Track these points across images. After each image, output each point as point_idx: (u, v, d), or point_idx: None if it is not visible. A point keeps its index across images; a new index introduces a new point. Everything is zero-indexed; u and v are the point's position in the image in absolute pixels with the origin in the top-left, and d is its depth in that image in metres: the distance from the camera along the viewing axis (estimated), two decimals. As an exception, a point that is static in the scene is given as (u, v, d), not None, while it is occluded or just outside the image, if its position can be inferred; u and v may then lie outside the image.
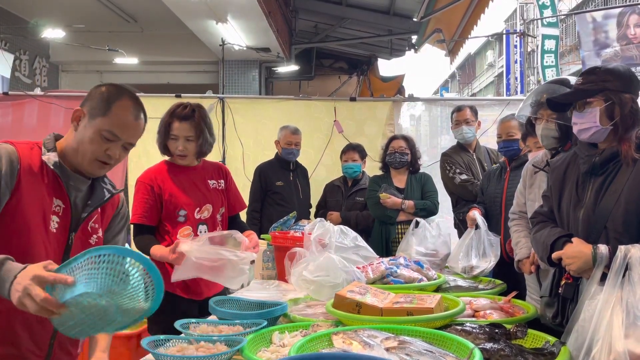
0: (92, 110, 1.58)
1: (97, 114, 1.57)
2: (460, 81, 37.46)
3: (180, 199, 2.48)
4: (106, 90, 1.62)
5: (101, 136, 1.56)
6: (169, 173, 2.52)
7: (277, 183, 4.18)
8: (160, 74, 10.41)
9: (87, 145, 1.56)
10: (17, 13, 8.84)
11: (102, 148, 1.57)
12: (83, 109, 1.60)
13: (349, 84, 12.38)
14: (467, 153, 3.82)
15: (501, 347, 1.59)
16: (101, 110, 1.57)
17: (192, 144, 2.48)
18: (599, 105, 1.75)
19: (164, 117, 2.50)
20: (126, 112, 1.59)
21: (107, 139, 1.57)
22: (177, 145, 2.47)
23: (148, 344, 1.66)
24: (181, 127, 2.46)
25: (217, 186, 2.60)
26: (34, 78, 9.39)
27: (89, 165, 1.59)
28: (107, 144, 1.57)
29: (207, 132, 2.51)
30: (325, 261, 2.27)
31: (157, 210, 2.47)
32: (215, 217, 2.55)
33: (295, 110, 5.22)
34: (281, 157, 4.25)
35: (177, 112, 2.47)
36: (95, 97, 1.61)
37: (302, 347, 1.53)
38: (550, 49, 10.71)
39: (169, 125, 2.47)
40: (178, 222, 2.47)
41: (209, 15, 7.26)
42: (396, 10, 8.77)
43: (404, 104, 5.25)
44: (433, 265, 2.88)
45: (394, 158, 3.86)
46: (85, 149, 1.57)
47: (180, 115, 2.47)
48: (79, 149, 1.58)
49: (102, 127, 1.56)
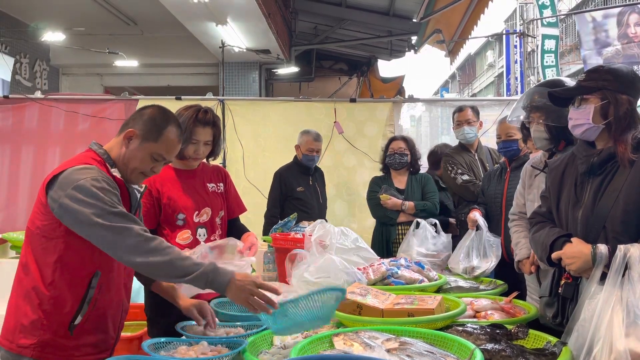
0: (145, 133, 1.81)
1: (149, 138, 1.80)
2: (460, 81, 37.46)
3: (179, 203, 2.46)
4: (157, 114, 1.84)
5: (151, 158, 1.82)
6: (168, 176, 2.49)
7: (298, 189, 4.14)
8: (160, 77, 10.42)
9: (137, 163, 1.81)
10: (17, 16, 8.85)
11: (149, 166, 1.83)
12: (136, 130, 1.81)
13: (349, 85, 12.38)
14: (469, 153, 3.82)
15: (502, 348, 1.59)
16: (153, 136, 1.80)
17: (208, 147, 2.54)
18: (594, 103, 1.76)
19: (185, 122, 2.46)
20: (174, 137, 1.84)
21: (156, 160, 1.83)
22: (195, 148, 2.49)
23: (149, 347, 1.66)
24: (203, 132, 2.49)
25: (216, 189, 2.60)
26: (34, 81, 9.40)
27: (136, 177, 1.84)
28: (155, 163, 1.84)
29: (221, 136, 2.61)
30: (326, 263, 2.27)
31: (154, 214, 2.44)
32: (214, 220, 2.54)
33: (295, 111, 5.22)
34: (301, 163, 4.22)
35: (200, 118, 2.50)
36: (146, 121, 1.82)
37: (303, 348, 1.53)
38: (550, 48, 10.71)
39: (192, 130, 2.47)
40: (177, 226, 2.45)
41: (208, 17, 7.27)
42: (396, 11, 8.77)
43: (404, 104, 5.25)
44: (434, 266, 2.88)
45: (393, 159, 3.86)
46: (135, 166, 1.81)
47: (203, 120, 2.50)
48: (129, 164, 1.81)
49: (154, 150, 1.81)
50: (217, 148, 2.59)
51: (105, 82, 10.56)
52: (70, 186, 1.65)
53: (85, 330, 1.74)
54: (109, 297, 1.80)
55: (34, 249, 1.73)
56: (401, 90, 9.82)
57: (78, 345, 1.73)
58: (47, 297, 1.69)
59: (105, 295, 1.78)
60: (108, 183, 1.70)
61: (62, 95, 5.97)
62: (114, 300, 1.83)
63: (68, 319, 1.71)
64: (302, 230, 3.12)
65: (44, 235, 1.71)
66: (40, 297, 1.69)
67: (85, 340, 1.74)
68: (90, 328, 1.76)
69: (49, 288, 1.69)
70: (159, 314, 2.42)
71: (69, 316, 1.71)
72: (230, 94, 9.05)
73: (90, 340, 1.76)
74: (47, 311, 1.69)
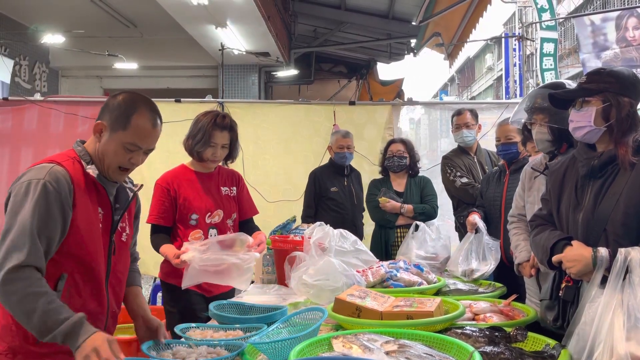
0: (112, 123, 1.69)
1: (117, 128, 1.68)
2: (459, 84, 37.51)
3: (193, 204, 2.67)
4: (123, 101, 1.71)
5: (124, 148, 1.69)
6: (185, 178, 2.72)
7: (332, 189, 4.15)
8: (159, 79, 10.42)
9: (111, 157, 1.70)
10: (16, 19, 8.86)
11: (125, 158, 1.70)
12: (104, 122, 1.70)
13: (348, 88, 12.38)
14: (468, 156, 3.82)
15: (501, 351, 1.59)
16: (121, 124, 1.68)
17: (225, 150, 2.71)
18: (596, 105, 1.76)
19: (203, 126, 2.66)
20: (145, 122, 1.70)
21: (130, 150, 1.70)
22: (213, 152, 2.67)
23: (148, 349, 1.66)
24: (221, 136, 2.66)
25: (229, 193, 2.78)
26: (33, 83, 9.39)
27: (114, 173, 1.73)
28: (130, 154, 1.71)
29: (237, 140, 2.76)
30: (325, 265, 2.27)
31: (172, 212, 2.67)
32: (225, 222, 2.72)
33: (294, 114, 5.22)
34: (335, 162, 4.23)
35: (218, 122, 2.66)
36: (113, 110, 1.70)
37: (301, 351, 1.52)
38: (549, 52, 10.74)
39: (211, 134, 2.64)
40: (190, 225, 2.66)
41: (208, 20, 7.28)
42: (395, 14, 8.78)
43: (403, 107, 5.25)
44: (433, 268, 2.87)
45: (392, 162, 3.86)
46: (110, 160, 1.70)
47: (221, 125, 2.66)
48: (104, 159, 1.71)
49: (124, 140, 1.68)
50: (234, 151, 2.76)
51: (104, 85, 10.55)
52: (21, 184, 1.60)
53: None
54: (80, 302, 1.66)
55: None
56: (400, 93, 9.83)
57: (50, 352, 1.61)
58: None
59: (75, 300, 1.65)
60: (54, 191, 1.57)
61: (61, 97, 5.96)
62: (89, 306, 1.69)
63: None
64: (301, 233, 3.12)
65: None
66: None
67: (56, 347, 1.57)
68: None
69: None
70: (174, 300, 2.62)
71: None
72: (229, 97, 9.05)
73: (63, 348, 1.56)
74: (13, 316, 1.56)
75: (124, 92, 1.77)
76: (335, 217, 4.00)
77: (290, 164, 5.12)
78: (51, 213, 1.58)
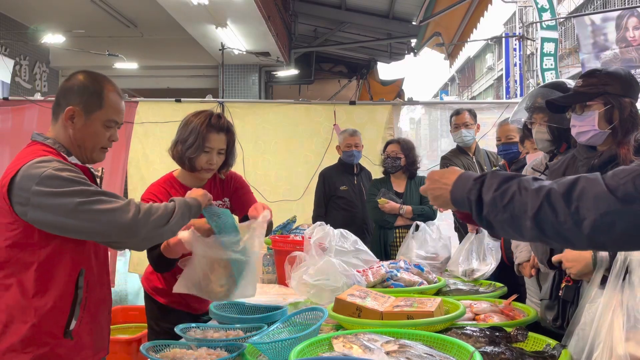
0: (86, 105, 1.68)
1: (93, 109, 1.68)
2: (459, 84, 37.50)
3: None
4: (86, 81, 1.71)
5: (104, 127, 1.71)
6: (173, 192, 2.27)
7: (342, 187, 4.18)
8: (160, 79, 10.42)
9: (93, 139, 1.70)
10: (17, 19, 8.85)
11: (105, 136, 1.72)
12: (75, 107, 1.67)
13: (348, 87, 12.38)
14: (466, 156, 3.83)
15: (502, 351, 1.59)
16: (96, 104, 1.69)
17: (222, 157, 2.30)
18: (598, 108, 1.75)
19: (196, 127, 2.22)
20: (115, 97, 1.73)
21: (109, 127, 1.72)
22: (207, 158, 2.24)
23: (147, 350, 1.66)
24: (218, 139, 2.24)
25: (222, 205, 2.39)
26: (34, 83, 9.39)
27: (97, 154, 1.74)
28: (110, 131, 1.73)
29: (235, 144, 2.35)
30: (325, 265, 2.27)
31: None
32: None
33: (295, 114, 5.22)
34: (343, 161, 4.24)
35: (214, 123, 2.23)
36: (81, 92, 1.69)
37: (302, 351, 1.52)
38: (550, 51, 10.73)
39: (205, 137, 2.21)
40: None
41: (208, 20, 7.27)
42: (395, 14, 8.78)
43: (403, 107, 5.25)
44: (433, 268, 2.87)
45: (387, 163, 3.86)
46: (93, 143, 1.70)
47: (217, 126, 2.24)
48: (85, 144, 1.70)
49: (103, 118, 1.70)
50: (230, 158, 2.35)
51: (105, 85, 10.53)
52: (34, 182, 1.51)
53: (81, 333, 1.65)
54: (96, 294, 1.73)
55: (7, 264, 1.58)
56: (401, 93, 9.83)
57: (76, 349, 1.65)
58: (34, 310, 1.57)
59: (93, 292, 1.71)
60: (71, 169, 1.58)
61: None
62: (102, 295, 1.77)
63: (61, 326, 1.61)
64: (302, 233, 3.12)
65: (15, 246, 1.57)
66: (25, 311, 1.57)
67: (82, 343, 1.66)
68: (86, 329, 1.68)
69: (33, 300, 1.57)
70: (159, 317, 2.40)
71: (61, 323, 1.61)
72: (229, 97, 9.04)
73: (87, 343, 1.68)
74: (37, 324, 1.57)
75: (79, 72, 1.74)
76: (346, 216, 4.02)
77: (291, 164, 5.12)
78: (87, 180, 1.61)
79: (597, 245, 0.92)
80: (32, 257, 1.57)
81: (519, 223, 0.98)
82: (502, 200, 1.01)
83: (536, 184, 0.99)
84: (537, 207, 0.96)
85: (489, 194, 1.05)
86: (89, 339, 1.69)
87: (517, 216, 0.98)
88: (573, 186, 0.92)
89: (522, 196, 0.99)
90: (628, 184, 0.87)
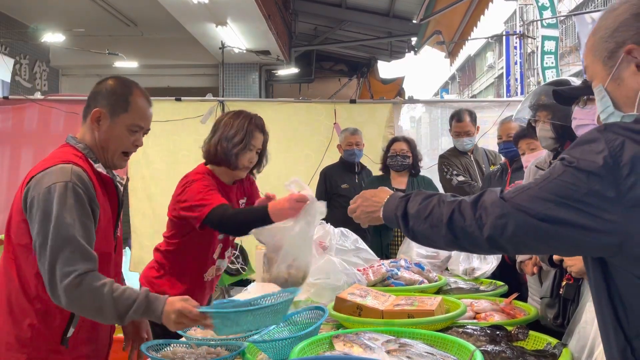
0: (112, 108, 1.68)
1: (118, 112, 1.68)
2: (460, 83, 37.47)
3: None
4: (115, 85, 1.71)
5: (129, 130, 1.69)
6: (218, 185, 2.28)
7: (343, 186, 4.18)
8: (160, 78, 10.41)
9: (116, 142, 1.69)
10: (17, 17, 8.85)
11: (129, 141, 1.71)
12: (101, 109, 1.68)
13: (349, 86, 12.37)
14: (464, 155, 3.83)
15: (502, 349, 1.59)
16: (122, 107, 1.68)
17: (256, 157, 2.33)
18: None
19: (242, 126, 2.26)
20: (142, 102, 1.72)
21: (134, 132, 1.71)
22: (250, 156, 2.28)
23: (147, 349, 1.66)
24: (259, 138, 2.30)
25: (244, 205, 2.44)
26: (34, 82, 9.39)
27: (118, 159, 1.72)
28: (134, 136, 1.71)
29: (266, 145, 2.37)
30: (325, 264, 2.27)
31: None
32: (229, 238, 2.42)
33: (295, 113, 5.21)
34: (345, 160, 4.26)
35: (258, 123, 2.30)
36: (109, 95, 1.69)
37: (302, 350, 1.52)
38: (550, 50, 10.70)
39: (251, 135, 2.26)
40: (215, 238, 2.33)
41: (208, 18, 7.27)
42: (396, 12, 8.76)
43: (404, 106, 5.24)
44: (434, 267, 2.87)
45: (395, 161, 3.81)
46: (116, 146, 1.70)
47: (260, 126, 2.31)
48: (109, 146, 1.69)
49: (127, 122, 1.69)
50: (264, 159, 2.39)
51: (105, 84, 10.52)
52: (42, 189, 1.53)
53: (78, 342, 1.63)
54: None
55: (15, 260, 1.59)
56: (401, 92, 9.82)
57: (72, 358, 1.62)
58: (34, 312, 1.57)
59: None
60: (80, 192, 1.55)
61: (62, 96, 5.97)
62: None
63: (59, 332, 1.59)
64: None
65: (21, 245, 1.58)
66: (25, 311, 1.57)
67: (78, 352, 1.63)
68: (84, 338, 1.65)
69: (34, 302, 1.57)
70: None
71: (59, 329, 1.59)
72: (230, 95, 9.04)
73: (83, 352, 1.64)
74: (35, 326, 1.57)
75: (110, 77, 1.75)
76: (346, 214, 4.00)
77: (291, 163, 5.11)
78: (88, 216, 1.57)
79: (496, 246, 1.03)
80: (34, 259, 1.55)
81: (437, 231, 1.11)
82: (424, 212, 1.15)
83: (453, 198, 1.13)
84: (449, 214, 1.08)
85: (414, 208, 1.19)
86: (85, 348, 1.66)
87: (435, 225, 1.11)
88: (480, 196, 1.05)
89: (440, 207, 1.12)
90: (519, 195, 0.99)
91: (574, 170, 0.93)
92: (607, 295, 1.01)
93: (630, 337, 0.97)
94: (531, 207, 0.96)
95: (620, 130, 0.92)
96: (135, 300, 1.52)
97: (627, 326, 0.98)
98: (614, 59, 1.02)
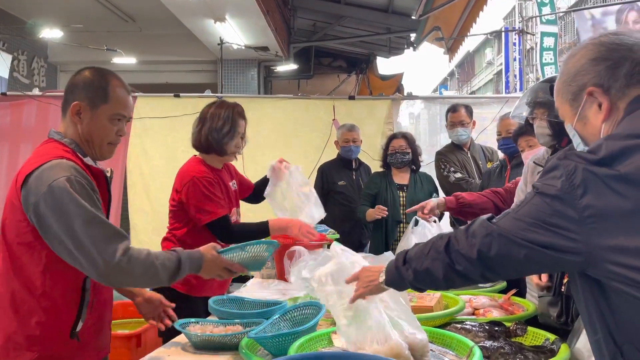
0: (91, 100, 1.67)
1: (98, 103, 1.67)
2: (459, 79, 37.46)
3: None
4: (92, 76, 1.70)
5: (111, 121, 1.68)
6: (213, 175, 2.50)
7: (340, 183, 4.18)
8: (158, 74, 10.38)
9: (100, 134, 1.68)
10: (14, 13, 8.82)
11: (113, 131, 1.70)
12: (80, 102, 1.66)
13: (347, 82, 12.35)
14: (461, 151, 3.83)
15: (501, 345, 1.59)
16: (101, 98, 1.67)
17: (242, 142, 2.60)
18: None
19: (229, 116, 2.54)
20: (122, 91, 1.71)
21: (117, 121, 1.70)
22: (236, 142, 2.55)
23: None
24: (242, 125, 2.58)
25: (234, 187, 2.66)
26: (32, 78, 9.36)
27: (106, 150, 1.72)
28: (117, 125, 1.70)
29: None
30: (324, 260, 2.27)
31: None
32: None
33: (294, 109, 5.21)
34: (342, 156, 4.25)
35: (239, 110, 2.59)
36: (86, 87, 1.68)
37: (301, 346, 1.52)
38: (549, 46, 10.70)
39: (236, 123, 2.54)
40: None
41: (207, 14, 7.25)
42: (395, 8, 8.75)
43: (402, 102, 5.24)
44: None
45: (395, 158, 3.80)
46: (101, 137, 1.68)
47: (241, 112, 2.60)
48: (93, 139, 1.68)
49: (109, 112, 1.67)
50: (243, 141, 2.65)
51: (103, 79, 10.49)
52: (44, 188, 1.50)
53: (87, 334, 1.65)
54: (102, 295, 1.72)
55: (14, 260, 1.57)
56: (400, 88, 9.82)
57: (81, 350, 1.64)
58: (41, 309, 1.56)
59: (100, 294, 1.70)
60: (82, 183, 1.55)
61: (60, 92, 5.92)
62: (107, 296, 1.77)
63: (67, 327, 1.60)
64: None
65: (23, 244, 1.56)
66: (32, 310, 1.56)
67: (87, 344, 1.66)
68: (91, 330, 1.67)
69: (40, 299, 1.56)
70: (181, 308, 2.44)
71: (68, 324, 1.60)
72: (228, 91, 9.02)
73: (92, 343, 1.68)
74: (44, 323, 1.57)
75: (86, 68, 1.74)
76: (344, 211, 4.02)
77: (290, 159, 5.07)
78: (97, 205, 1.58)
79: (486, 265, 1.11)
80: (40, 256, 1.55)
81: (437, 263, 1.20)
82: (425, 249, 1.25)
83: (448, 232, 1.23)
84: (446, 242, 1.18)
85: (413, 252, 1.30)
86: (93, 339, 1.70)
87: (436, 258, 1.20)
88: (471, 224, 1.16)
89: (437, 242, 1.23)
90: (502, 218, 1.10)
91: (541, 195, 1.05)
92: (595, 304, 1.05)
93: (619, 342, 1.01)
94: (510, 230, 1.06)
95: (575, 158, 1.03)
96: (178, 258, 1.63)
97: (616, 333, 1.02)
98: (578, 101, 1.15)
